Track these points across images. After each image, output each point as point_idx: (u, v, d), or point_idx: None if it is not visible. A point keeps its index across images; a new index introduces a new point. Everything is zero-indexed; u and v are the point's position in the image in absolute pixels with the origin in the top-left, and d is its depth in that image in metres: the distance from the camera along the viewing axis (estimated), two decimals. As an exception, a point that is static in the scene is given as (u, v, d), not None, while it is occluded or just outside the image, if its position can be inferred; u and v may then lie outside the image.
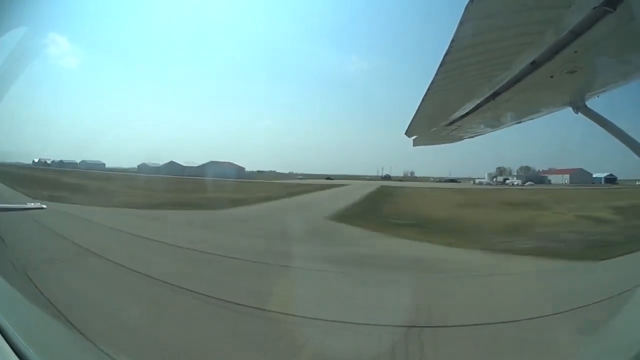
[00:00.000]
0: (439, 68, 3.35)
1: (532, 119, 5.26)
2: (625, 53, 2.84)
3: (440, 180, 59.51)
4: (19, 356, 2.39)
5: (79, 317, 5.08)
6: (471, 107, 4.64)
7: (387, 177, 65.13)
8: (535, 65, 3.18)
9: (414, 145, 8.03)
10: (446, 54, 3.06)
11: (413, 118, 5.53)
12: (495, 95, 4.01)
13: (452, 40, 2.83)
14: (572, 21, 2.45)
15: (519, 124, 5.58)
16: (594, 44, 2.63)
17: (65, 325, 4.82)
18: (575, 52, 2.76)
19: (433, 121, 5.75)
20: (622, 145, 3.85)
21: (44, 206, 5.61)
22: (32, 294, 5.91)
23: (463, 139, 7.42)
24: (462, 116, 5.09)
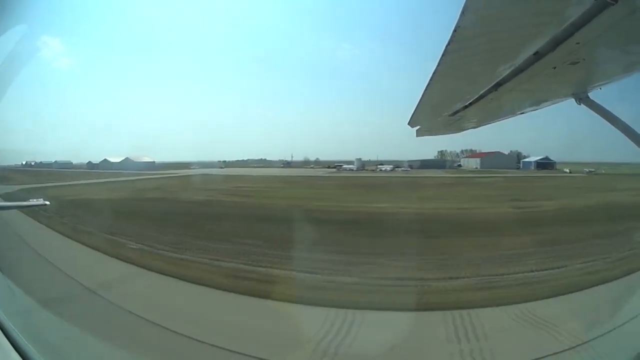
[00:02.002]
0: (441, 58, 3.35)
1: (536, 109, 5.25)
2: (628, 45, 2.83)
3: (329, 166, 61.37)
4: (18, 352, 2.47)
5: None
6: (474, 98, 4.63)
7: (287, 164, 67.29)
8: (538, 55, 3.17)
9: (417, 135, 8.01)
10: (448, 44, 3.05)
11: (416, 108, 5.53)
12: (498, 85, 4.00)
13: (455, 30, 2.83)
14: (574, 12, 2.44)
15: (522, 114, 5.57)
16: (597, 36, 2.62)
17: (64, 322, 4.84)
18: (578, 43, 2.75)
19: (436, 111, 5.75)
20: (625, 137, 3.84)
21: (47, 202, 5.67)
22: (32, 291, 5.89)
23: (466, 129, 7.40)
24: (465, 106, 5.08)
